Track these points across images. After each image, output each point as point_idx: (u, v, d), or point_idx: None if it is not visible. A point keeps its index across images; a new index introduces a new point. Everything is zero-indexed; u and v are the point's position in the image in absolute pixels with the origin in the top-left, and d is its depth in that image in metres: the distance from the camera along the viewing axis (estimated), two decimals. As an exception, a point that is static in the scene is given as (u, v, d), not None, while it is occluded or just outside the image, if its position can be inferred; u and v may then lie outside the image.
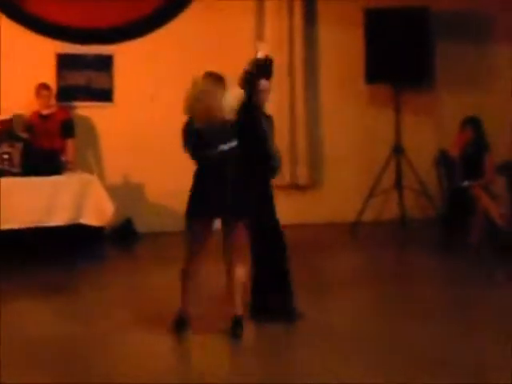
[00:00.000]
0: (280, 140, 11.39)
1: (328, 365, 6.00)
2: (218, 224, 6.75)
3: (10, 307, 7.66)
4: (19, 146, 9.82)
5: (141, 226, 10.86)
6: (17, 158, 9.68)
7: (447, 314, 7.47)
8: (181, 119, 6.77)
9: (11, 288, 8.30)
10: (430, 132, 11.85)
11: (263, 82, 6.98)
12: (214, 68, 9.72)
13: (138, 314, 6.82)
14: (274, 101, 11.39)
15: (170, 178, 10.23)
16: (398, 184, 11.49)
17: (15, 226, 9.35)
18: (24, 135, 10.14)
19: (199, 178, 6.65)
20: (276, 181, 11.30)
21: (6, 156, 9.62)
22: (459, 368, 5.81)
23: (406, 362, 6.00)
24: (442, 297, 8.22)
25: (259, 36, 11.53)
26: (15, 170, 9.63)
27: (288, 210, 11.51)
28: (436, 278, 9.08)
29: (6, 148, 9.71)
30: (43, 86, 10.50)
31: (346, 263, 9.69)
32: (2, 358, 6.02)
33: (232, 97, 6.59)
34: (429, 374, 5.67)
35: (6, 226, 9.28)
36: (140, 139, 7.63)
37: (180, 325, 6.73)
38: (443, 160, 10.61)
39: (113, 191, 9.72)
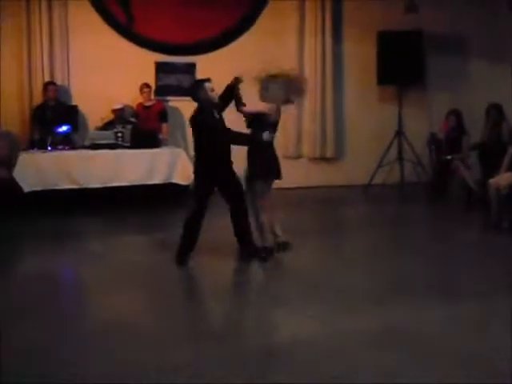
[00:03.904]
0: (313, 125, 11.66)
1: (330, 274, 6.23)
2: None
3: (123, 241, 7.87)
4: (129, 127, 9.89)
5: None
6: (127, 136, 9.75)
7: (429, 246, 7.56)
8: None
9: (124, 228, 8.50)
10: (423, 120, 11.66)
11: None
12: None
13: (205, 244, 6.88)
14: (310, 97, 11.56)
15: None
16: (400, 157, 11.38)
17: (126, 183, 9.53)
18: (132, 120, 10.27)
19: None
20: (310, 154, 11.63)
21: (119, 134, 9.70)
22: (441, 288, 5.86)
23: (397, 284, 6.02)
24: (425, 235, 8.29)
25: (300, 51, 11.59)
26: (126, 144, 9.71)
27: (318, 175, 11.75)
28: (424, 222, 9.12)
29: (119, 129, 9.81)
30: (145, 85, 10.60)
31: (359, 213, 9.76)
32: (112, 278, 6.16)
33: None
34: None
35: (119, 183, 9.49)
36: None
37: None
38: (433, 140, 10.51)
39: (194, 160, 9.90)
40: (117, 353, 4.42)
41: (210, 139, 6.47)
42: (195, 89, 6.65)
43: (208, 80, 6.62)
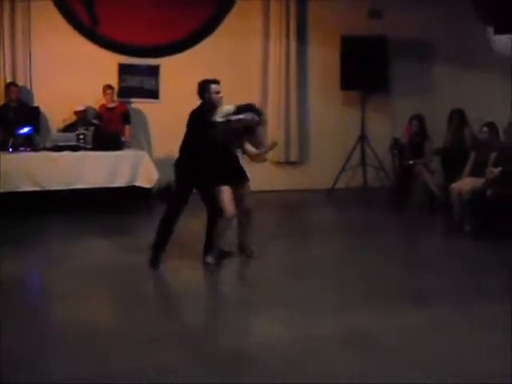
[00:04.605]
0: (277, 129, 11.65)
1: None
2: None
3: (86, 244, 7.78)
4: (91, 129, 9.78)
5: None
6: (89, 138, 9.65)
7: (393, 250, 7.65)
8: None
9: (86, 231, 8.37)
10: (386, 125, 11.78)
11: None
12: (230, 76, 9.78)
13: (173, 247, 6.87)
14: (274, 101, 11.63)
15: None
16: (363, 162, 11.49)
17: (88, 185, 9.42)
18: (95, 121, 10.13)
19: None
20: (274, 158, 11.61)
21: (81, 136, 9.59)
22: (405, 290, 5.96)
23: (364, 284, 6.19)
24: (389, 239, 8.24)
25: (265, 53, 11.60)
26: (88, 146, 9.60)
27: (283, 179, 11.74)
28: (387, 228, 9.01)
29: (82, 130, 9.69)
30: (108, 87, 10.52)
31: (323, 218, 9.75)
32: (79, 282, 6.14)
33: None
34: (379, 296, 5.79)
35: (81, 186, 9.39)
36: (177, 126, 7.65)
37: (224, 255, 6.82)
38: (395, 145, 10.67)
39: (157, 162, 9.84)
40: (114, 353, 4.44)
41: (205, 138, 6.43)
42: (201, 88, 6.54)
43: (215, 81, 6.53)
